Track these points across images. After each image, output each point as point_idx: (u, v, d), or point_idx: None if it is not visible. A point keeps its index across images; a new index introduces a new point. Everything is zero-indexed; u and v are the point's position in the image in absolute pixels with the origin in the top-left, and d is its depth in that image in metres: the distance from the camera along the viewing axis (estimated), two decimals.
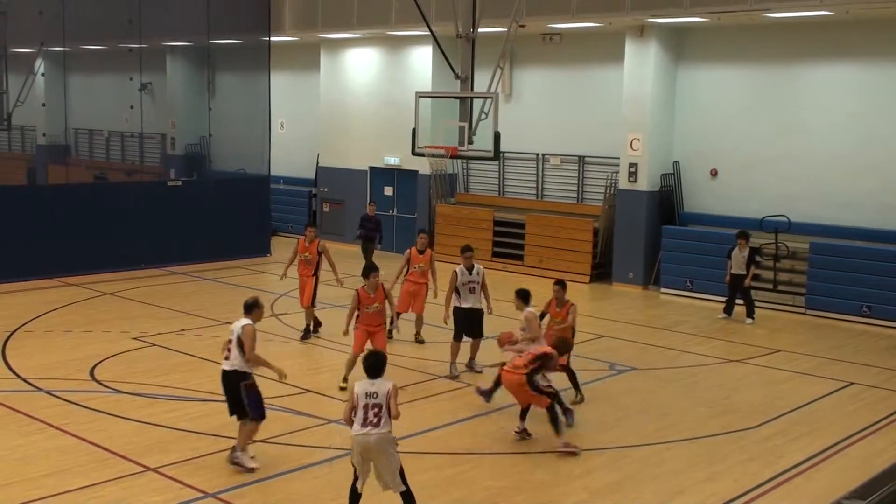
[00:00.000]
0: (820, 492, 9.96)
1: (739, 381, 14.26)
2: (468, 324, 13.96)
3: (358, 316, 13.00)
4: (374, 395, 8.60)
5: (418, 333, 15.86)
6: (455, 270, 14.05)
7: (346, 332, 13.10)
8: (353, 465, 8.68)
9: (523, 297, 12.33)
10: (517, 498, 9.60)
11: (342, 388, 12.76)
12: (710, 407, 12.88)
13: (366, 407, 8.58)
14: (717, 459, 10.83)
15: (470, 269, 14.03)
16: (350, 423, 8.69)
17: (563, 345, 11.67)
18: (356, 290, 13.11)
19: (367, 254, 21.09)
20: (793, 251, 19.25)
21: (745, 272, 17.95)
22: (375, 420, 8.57)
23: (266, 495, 9.48)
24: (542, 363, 10.95)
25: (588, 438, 11.50)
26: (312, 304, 15.92)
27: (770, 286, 19.49)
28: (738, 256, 17.98)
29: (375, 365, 8.79)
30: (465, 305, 13.95)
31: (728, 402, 13.12)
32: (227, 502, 9.30)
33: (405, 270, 15.71)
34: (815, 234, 19.32)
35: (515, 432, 11.35)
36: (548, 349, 11.20)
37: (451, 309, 14.03)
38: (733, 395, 13.52)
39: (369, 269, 13.11)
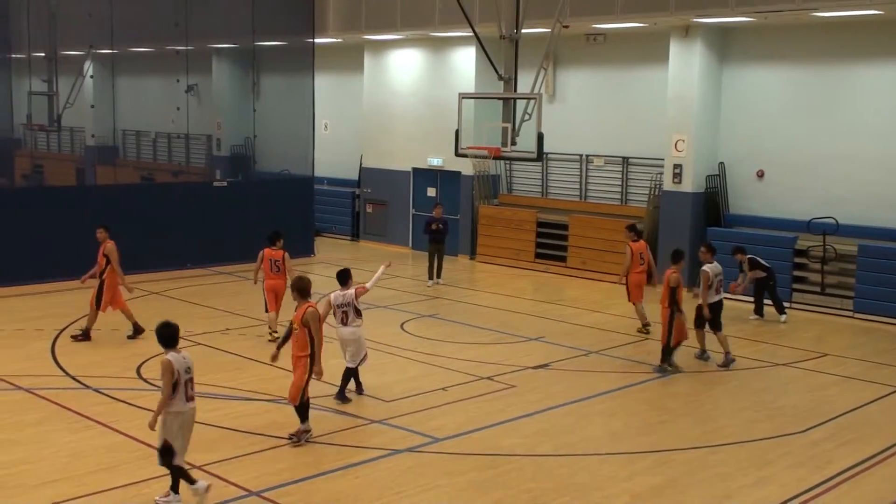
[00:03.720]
0: (868, 498, 9.82)
1: (786, 385, 14.09)
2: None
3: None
4: None
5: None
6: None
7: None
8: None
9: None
10: (559, 500, 9.56)
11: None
12: (757, 411, 12.75)
13: None
14: (763, 464, 10.71)
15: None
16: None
17: None
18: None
19: (438, 256, 21.22)
20: (840, 254, 18.98)
21: (763, 275, 18.21)
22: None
23: (309, 494, 9.54)
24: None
25: (631, 441, 11.44)
26: (97, 307, 15.57)
27: (818, 289, 19.24)
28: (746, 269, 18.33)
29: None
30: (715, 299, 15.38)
31: (774, 406, 12.97)
32: (271, 501, 9.37)
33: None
34: (864, 237, 19.02)
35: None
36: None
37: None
38: (780, 398, 13.37)
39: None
